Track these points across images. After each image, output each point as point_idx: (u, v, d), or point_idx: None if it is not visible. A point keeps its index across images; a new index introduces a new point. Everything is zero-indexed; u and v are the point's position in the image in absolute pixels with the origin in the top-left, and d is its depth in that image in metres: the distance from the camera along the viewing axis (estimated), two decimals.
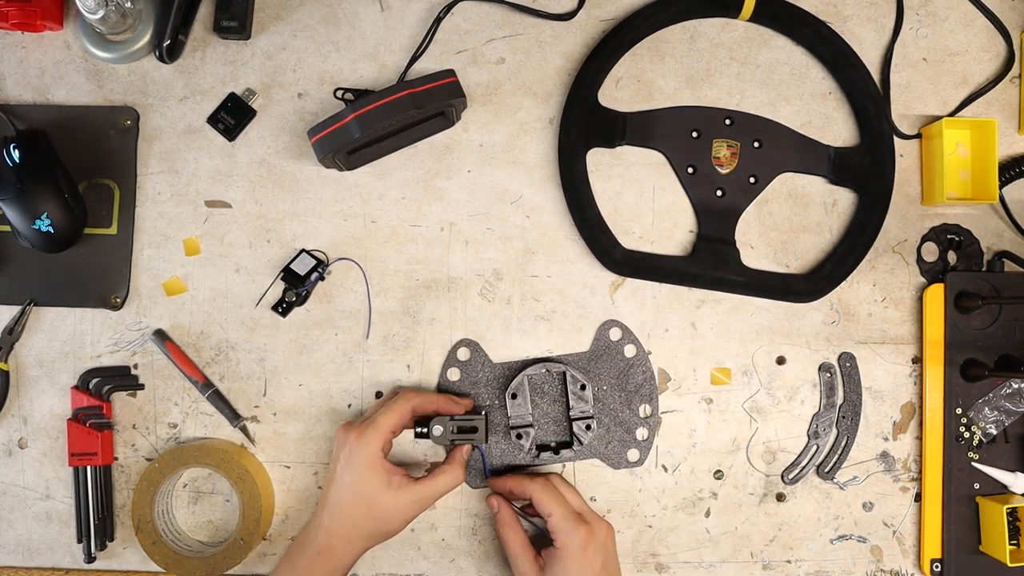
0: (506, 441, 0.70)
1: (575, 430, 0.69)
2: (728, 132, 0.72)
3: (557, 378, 0.70)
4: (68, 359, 0.71)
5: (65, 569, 0.71)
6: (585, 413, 0.69)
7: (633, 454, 0.71)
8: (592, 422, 0.69)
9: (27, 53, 0.73)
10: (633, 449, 0.71)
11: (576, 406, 0.69)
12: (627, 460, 0.71)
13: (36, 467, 0.71)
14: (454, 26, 0.73)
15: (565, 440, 0.71)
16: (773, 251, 0.72)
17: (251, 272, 0.71)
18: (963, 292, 0.70)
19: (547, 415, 0.71)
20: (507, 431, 0.70)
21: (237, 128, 0.72)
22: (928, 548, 0.70)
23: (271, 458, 0.71)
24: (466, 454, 0.68)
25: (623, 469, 0.71)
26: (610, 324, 0.71)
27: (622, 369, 0.71)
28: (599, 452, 0.71)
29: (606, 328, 0.71)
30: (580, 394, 0.69)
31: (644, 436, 0.71)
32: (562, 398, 0.70)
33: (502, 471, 0.70)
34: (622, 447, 0.71)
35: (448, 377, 0.71)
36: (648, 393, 0.71)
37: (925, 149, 0.73)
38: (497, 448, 0.71)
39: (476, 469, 0.70)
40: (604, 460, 0.71)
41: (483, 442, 0.67)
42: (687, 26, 0.73)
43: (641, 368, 0.71)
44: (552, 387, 0.71)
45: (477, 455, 0.70)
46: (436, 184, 0.72)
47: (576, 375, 0.69)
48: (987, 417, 0.70)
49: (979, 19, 0.74)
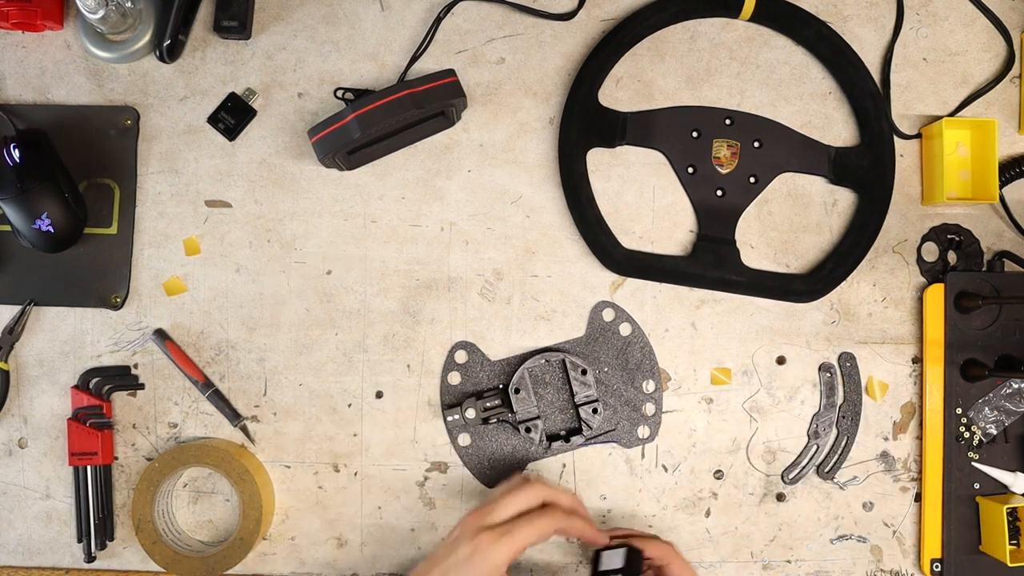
0: (516, 437, 0.70)
1: (582, 415, 0.69)
2: (728, 132, 0.72)
3: (557, 367, 0.70)
4: (68, 359, 0.71)
5: (65, 569, 0.71)
6: (590, 397, 0.69)
7: (643, 431, 0.71)
8: (598, 404, 0.69)
9: (27, 53, 0.73)
10: (643, 426, 0.71)
11: (580, 391, 0.69)
12: (638, 437, 0.71)
13: (36, 467, 0.71)
14: (454, 26, 0.73)
15: (574, 427, 0.71)
16: (773, 251, 0.72)
17: (251, 272, 0.72)
18: (963, 292, 0.70)
19: (552, 405, 0.71)
20: (515, 426, 0.70)
21: (237, 128, 0.72)
22: (928, 548, 0.70)
23: (271, 458, 0.71)
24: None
25: (636, 447, 0.71)
26: (602, 305, 0.71)
27: (620, 348, 0.71)
28: (609, 434, 0.71)
29: (599, 310, 0.71)
30: (582, 379, 0.69)
31: (652, 411, 0.71)
32: (565, 386, 0.70)
33: None
34: (632, 425, 0.71)
35: (449, 381, 0.71)
36: (649, 368, 0.71)
37: (925, 149, 0.73)
38: (508, 445, 0.71)
39: None
40: (616, 441, 0.71)
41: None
42: (687, 26, 0.73)
43: (639, 344, 0.71)
44: (554, 376, 0.71)
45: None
46: (436, 184, 0.72)
47: (575, 360, 0.69)
48: (987, 417, 0.70)
49: (979, 19, 0.74)
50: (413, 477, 0.71)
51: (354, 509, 0.71)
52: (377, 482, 0.71)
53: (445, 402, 0.71)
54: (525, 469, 0.71)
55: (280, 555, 0.71)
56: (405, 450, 0.71)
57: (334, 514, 0.71)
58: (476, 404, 0.69)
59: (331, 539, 0.71)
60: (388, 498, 0.71)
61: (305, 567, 0.71)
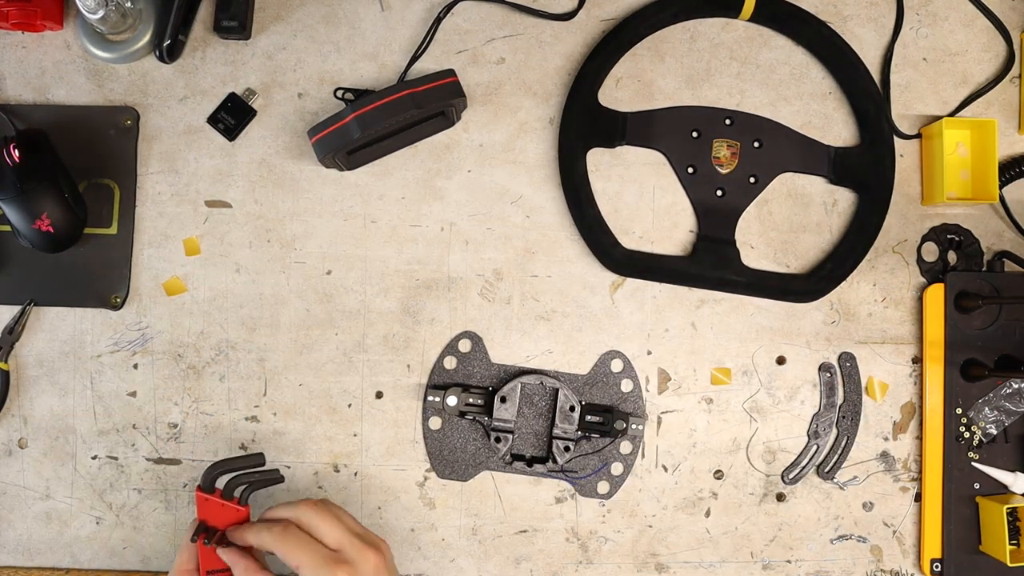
0: (483, 441, 0.70)
1: (553, 448, 0.69)
2: (728, 132, 0.72)
3: (549, 392, 0.70)
4: (68, 359, 0.71)
5: (65, 569, 0.71)
6: (567, 434, 0.69)
7: (603, 486, 0.71)
8: (572, 444, 0.69)
9: (27, 53, 0.73)
10: (604, 481, 0.71)
11: (560, 424, 0.69)
12: (596, 491, 0.71)
13: (36, 467, 0.71)
14: (454, 26, 0.73)
15: (542, 455, 0.70)
16: (773, 251, 0.72)
17: (251, 272, 0.72)
18: (963, 292, 0.70)
19: (530, 426, 0.70)
20: (487, 432, 0.70)
21: (237, 128, 0.72)
22: (928, 548, 0.70)
23: (271, 458, 0.71)
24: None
25: (589, 498, 0.70)
26: (614, 355, 0.71)
27: (615, 402, 0.71)
28: (571, 475, 0.70)
29: (609, 357, 0.71)
30: (568, 414, 0.69)
31: (619, 472, 0.71)
32: (549, 414, 0.70)
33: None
34: (595, 477, 0.70)
35: (444, 365, 0.71)
36: (634, 432, 0.70)
37: (925, 149, 0.73)
38: (472, 446, 0.70)
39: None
40: (573, 484, 0.70)
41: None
42: (687, 26, 0.73)
43: (633, 405, 0.71)
44: (542, 400, 0.70)
45: None
46: (436, 184, 0.72)
47: (569, 395, 0.69)
48: (987, 417, 0.70)
49: (979, 19, 0.74)
50: (413, 477, 0.71)
51: (354, 509, 0.71)
52: (377, 482, 0.71)
53: (432, 381, 0.71)
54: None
55: None
56: (405, 450, 0.71)
57: None
58: (460, 395, 0.69)
59: None
60: (388, 498, 0.71)
61: None
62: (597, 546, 0.71)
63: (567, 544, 0.71)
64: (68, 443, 0.71)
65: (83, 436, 0.71)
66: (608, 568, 0.71)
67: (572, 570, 0.71)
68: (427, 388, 0.71)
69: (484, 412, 0.69)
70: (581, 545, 0.71)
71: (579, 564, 0.71)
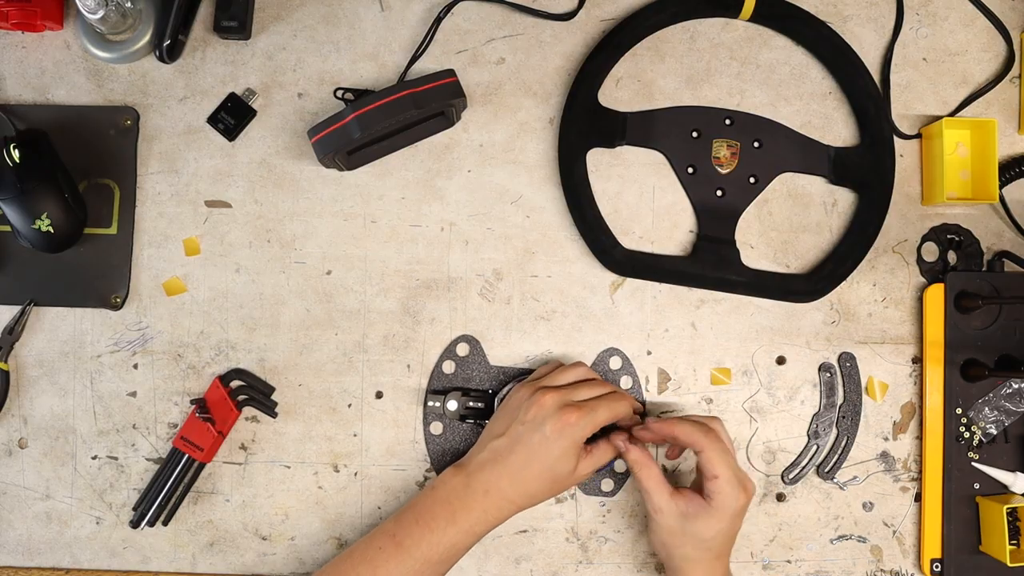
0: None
1: None
2: (728, 132, 0.72)
3: None
4: (68, 359, 0.71)
5: (65, 569, 0.71)
6: None
7: (607, 484, 0.71)
8: None
9: (27, 53, 0.73)
10: (608, 479, 0.71)
11: None
12: (600, 488, 0.71)
13: (36, 467, 0.71)
14: (454, 26, 0.73)
15: None
16: (773, 251, 0.72)
17: (251, 272, 0.72)
18: (963, 292, 0.70)
19: None
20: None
21: (237, 128, 0.72)
22: (928, 548, 0.70)
23: (271, 458, 0.71)
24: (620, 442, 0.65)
25: (592, 496, 0.71)
26: (612, 352, 0.71)
27: None
28: None
29: (608, 355, 0.71)
30: None
31: (622, 468, 0.71)
32: None
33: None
34: (598, 475, 0.70)
35: (443, 369, 0.71)
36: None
37: (925, 149, 0.73)
38: (467, 444, 0.70)
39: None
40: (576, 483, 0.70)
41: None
42: (687, 26, 0.73)
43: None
44: None
45: None
46: (436, 184, 0.72)
47: None
48: (987, 417, 0.70)
49: (979, 19, 0.74)
50: (413, 477, 0.71)
51: (354, 509, 0.71)
52: (377, 482, 0.71)
53: (432, 387, 0.71)
54: None
55: (280, 555, 0.71)
56: (405, 450, 0.71)
57: (334, 514, 0.71)
58: (460, 399, 0.69)
59: (331, 539, 0.71)
60: (388, 498, 0.71)
61: (305, 567, 0.71)
62: (597, 546, 0.71)
63: (567, 544, 0.71)
64: (68, 443, 0.71)
65: (83, 436, 0.71)
66: (608, 568, 0.71)
67: (572, 570, 0.71)
68: (427, 393, 0.70)
69: (484, 415, 0.69)
70: (581, 545, 0.71)
71: (579, 564, 0.71)
